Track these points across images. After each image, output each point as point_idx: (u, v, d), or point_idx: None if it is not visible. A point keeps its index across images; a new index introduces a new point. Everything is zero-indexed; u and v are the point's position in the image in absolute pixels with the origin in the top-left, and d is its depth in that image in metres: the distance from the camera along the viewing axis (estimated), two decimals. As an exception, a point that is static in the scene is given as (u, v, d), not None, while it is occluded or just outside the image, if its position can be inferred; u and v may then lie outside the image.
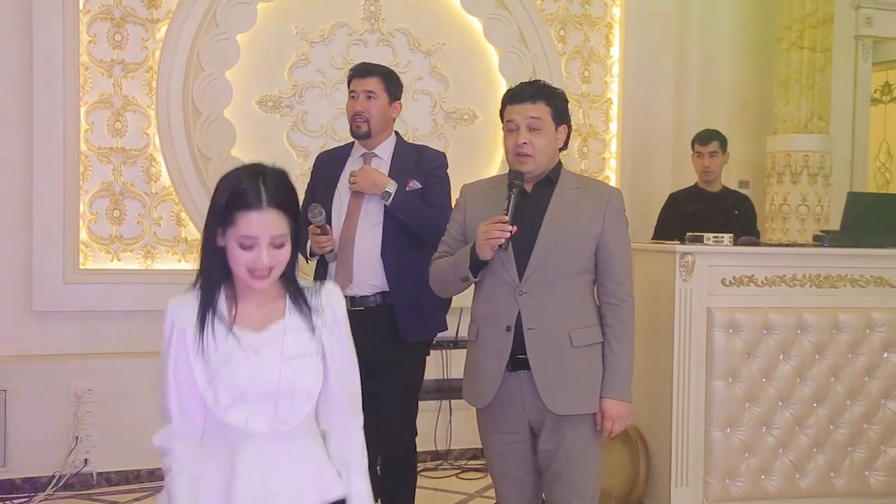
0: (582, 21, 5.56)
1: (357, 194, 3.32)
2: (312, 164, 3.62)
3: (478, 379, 2.75)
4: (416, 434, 3.50)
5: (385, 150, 3.43)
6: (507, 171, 2.79)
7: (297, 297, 1.96)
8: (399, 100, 3.48)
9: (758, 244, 4.15)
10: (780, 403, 3.87)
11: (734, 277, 3.87)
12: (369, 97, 3.35)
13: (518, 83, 2.84)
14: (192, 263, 4.76)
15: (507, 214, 2.60)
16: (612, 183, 5.49)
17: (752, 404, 3.84)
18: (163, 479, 1.92)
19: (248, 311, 1.92)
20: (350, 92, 3.41)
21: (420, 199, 3.36)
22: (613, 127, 5.67)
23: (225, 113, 4.80)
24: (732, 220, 4.77)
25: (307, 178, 4.88)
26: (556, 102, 2.74)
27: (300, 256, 3.15)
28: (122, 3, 4.63)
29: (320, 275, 3.33)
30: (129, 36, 4.65)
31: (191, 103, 4.73)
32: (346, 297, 3.12)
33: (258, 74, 4.88)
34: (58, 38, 4.48)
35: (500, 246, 2.59)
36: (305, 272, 4.62)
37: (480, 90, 5.32)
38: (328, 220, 3.30)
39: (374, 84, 3.37)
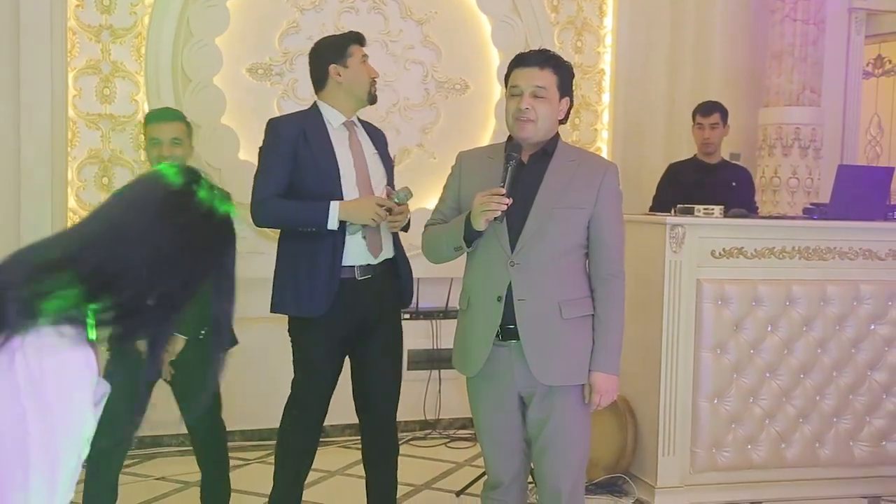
0: (575, -9, 5.52)
1: (360, 163, 3.25)
2: (269, 130, 3.31)
3: (468, 348, 2.77)
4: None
5: (356, 119, 3.36)
6: (505, 140, 2.77)
7: None
8: None
9: (747, 216, 4.16)
10: (768, 375, 3.91)
11: (724, 249, 3.89)
12: (364, 62, 3.32)
13: (516, 53, 2.82)
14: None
15: (503, 186, 2.59)
16: (604, 155, 5.48)
17: (739, 375, 3.88)
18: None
19: None
20: (361, 56, 3.31)
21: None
22: (606, 98, 5.66)
23: (215, 80, 4.76)
24: (730, 192, 4.76)
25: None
26: (564, 73, 2.72)
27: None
28: (110, -33, 4.57)
29: (333, 248, 3.16)
30: (117, 0, 4.59)
31: (180, 70, 4.68)
32: (359, 266, 3.17)
33: (248, 41, 4.83)
34: (44, 3, 4.41)
35: (495, 218, 2.59)
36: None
37: (472, 60, 5.29)
38: (337, 185, 3.18)
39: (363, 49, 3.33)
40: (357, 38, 3.34)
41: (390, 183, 3.34)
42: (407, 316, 5.00)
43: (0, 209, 4.46)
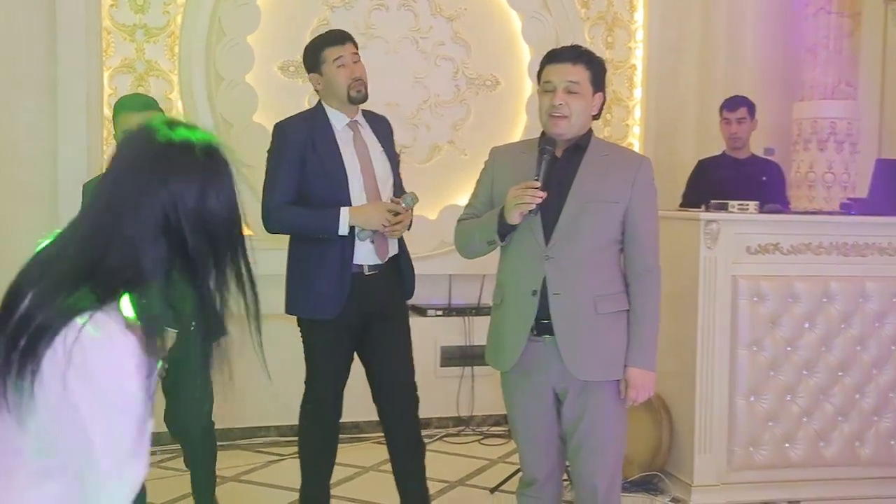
0: (606, -14, 5.49)
1: (366, 164, 3.28)
2: (277, 134, 3.37)
3: (501, 343, 2.75)
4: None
5: (361, 118, 3.36)
6: (539, 135, 2.76)
7: None
8: None
9: (783, 212, 4.11)
10: (805, 372, 3.86)
11: (759, 245, 3.85)
12: (356, 61, 3.27)
13: (546, 48, 2.81)
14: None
15: (538, 180, 2.58)
16: (636, 150, 5.44)
17: (776, 373, 3.83)
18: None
19: None
20: (334, 60, 3.23)
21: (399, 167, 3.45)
22: (637, 93, 5.62)
23: (247, 78, 4.79)
24: (761, 187, 4.71)
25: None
26: (596, 68, 2.70)
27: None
28: (144, -33, 4.61)
29: (343, 250, 3.23)
30: (151, 0, 4.63)
31: (213, 68, 4.72)
32: (365, 265, 3.23)
33: (280, 39, 4.85)
34: (80, 3, 4.46)
35: (529, 211, 2.58)
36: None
37: (503, 56, 5.27)
38: (345, 188, 3.23)
39: (354, 47, 3.30)
40: (331, 40, 3.29)
41: (397, 178, 3.39)
42: (440, 312, 5.01)
43: (38, 203, 4.51)
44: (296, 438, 3.47)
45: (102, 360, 1.32)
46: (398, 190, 3.37)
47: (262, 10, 4.79)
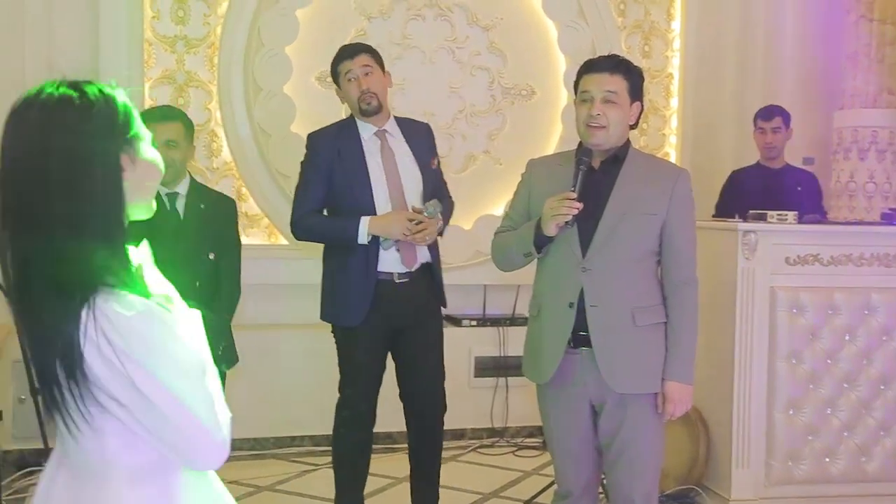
0: (643, -5, 5.46)
1: (392, 172, 3.36)
2: (308, 145, 3.48)
3: (538, 355, 2.74)
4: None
5: (392, 126, 3.45)
6: (576, 147, 2.75)
7: None
8: (386, 69, 3.48)
9: (823, 222, 4.06)
10: (846, 385, 3.80)
11: (798, 256, 3.80)
12: (367, 73, 3.34)
13: (582, 58, 2.80)
14: (252, 238, 4.81)
15: (574, 191, 2.57)
16: (672, 160, 5.40)
17: (816, 386, 3.78)
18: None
19: None
20: (345, 75, 3.36)
21: (436, 176, 3.51)
22: (674, 103, 5.58)
23: (285, 88, 4.83)
24: (795, 197, 4.65)
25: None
26: (634, 78, 2.70)
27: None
28: (184, -21, 4.67)
29: (366, 258, 3.30)
30: (191, 12, 4.69)
31: (251, 79, 4.76)
32: (395, 272, 3.29)
33: (317, 50, 4.88)
34: (122, 14, 4.54)
35: (566, 223, 2.57)
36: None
37: (539, 65, 5.26)
38: (369, 198, 3.31)
39: (366, 59, 3.37)
40: (342, 55, 3.41)
41: (430, 184, 3.43)
42: (474, 323, 5.00)
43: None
44: (330, 448, 3.50)
45: (138, 333, 1.35)
46: (433, 196, 3.40)
47: (301, 21, 4.83)
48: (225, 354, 3.25)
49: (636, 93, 2.71)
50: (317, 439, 4.75)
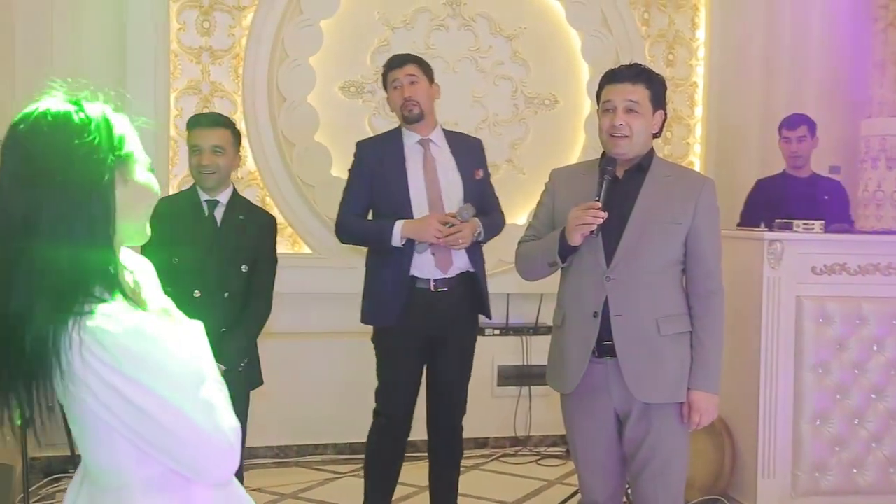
0: (667, 3, 5.45)
1: (432, 180, 3.42)
2: (355, 152, 3.57)
3: (563, 365, 2.74)
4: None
5: (437, 136, 3.52)
6: (600, 156, 2.75)
7: None
8: (435, 81, 3.55)
9: (850, 231, 4.02)
10: (874, 396, 3.76)
11: (825, 265, 3.77)
12: (412, 82, 3.43)
13: (606, 67, 2.80)
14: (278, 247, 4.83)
15: (599, 200, 2.57)
16: (697, 169, 5.38)
17: (843, 397, 3.74)
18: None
19: None
20: (391, 83, 3.48)
21: (482, 189, 3.53)
22: (698, 111, 5.56)
23: (308, 99, 4.86)
24: (822, 206, 4.61)
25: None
26: (657, 87, 2.69)
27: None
28: (210, -10, 4.72)
29: (400, 262, 3.36)
30: (216, 23, 4.74)
31: (275, 89, 4.79)
32: (430, 279, 3.33)
33: (341, 60, 4.92)
34: (149, 27, 4.58)
35: (590, 232, 2.57)
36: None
37: (562, 75, 5.26)
38: (407, 204, 3.38)
39: (413, 69, 3.46)
40: (389, 65, 3.53)
41: (473, 195, 3.45)
42: (497, 332, 4.99)
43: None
44: (354, 456, 3.53)
45: (122, 344, 1.34)
46: (477, 207, 3.44)
47: (325, 31, 4.85)
48: (247, 374, 3.20)
49: (659, 101, 2.70)
50: (340, 447, 4.76)
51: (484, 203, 3.50)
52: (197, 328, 1.52)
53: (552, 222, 2.76)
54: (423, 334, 3.37)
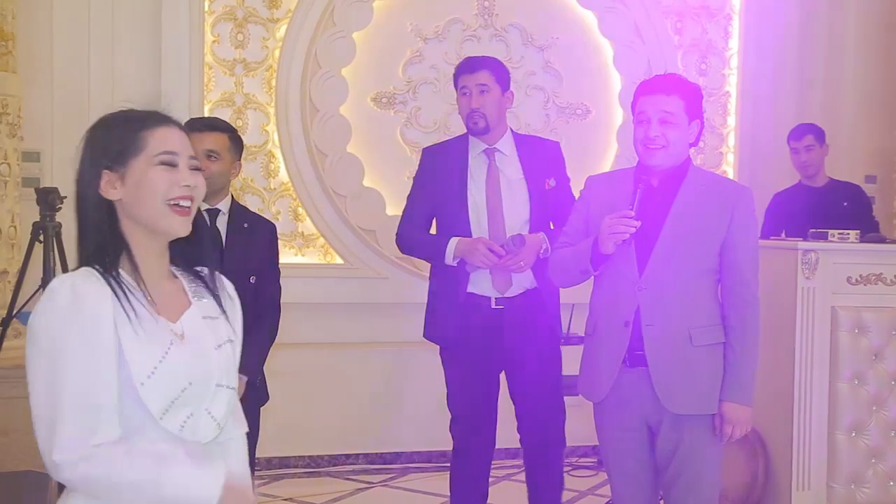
0: (700, 12, 5.43)
1: (494, 194, 3.27)
2: (420, 159, 3.52)
3: (594, 373, 2.73)
4: (564, 424, 3.49)
5: (506, 145, 3.34)
6: (635, 164, 2.74)
7: (196, 278, 1.70)
8: (510, 88, 3.38)
9: (886, 241, 3.97)
10: (912, 408, 3.70)
11: (861, 276, 3.72)
12: (482, 91, 3.26)
13: (638, 77, 2.79)
14: (308, 257, 4.88)
15: (633, 209, 2.56)
16: (730, 178, 5.34)
17: (879, 408, 3.69)
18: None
19: (157, 293, 1.60)
20: (461, 89, 3.31)
21: (555, 197, 3.34)
22: (731, 121, 5.53)
23: (341, 110, 4.90)
24: (841, 213, 4.55)
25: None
26: (691, 96, 2.66)
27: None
28: (244, 3, 4.78)
29: (458, 278, 3.25)
30: (250, 35, 4.80)
31: (308, 100, 4.84)
32: (491, 297, 3.22)
33: (373, 71, 4.95)
34: (184, 39, 4.65)
35: (623, 241, 2.56)
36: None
37: (594, 84, 5.26)
38: (464, 219, 3.25)
39: (485, 77, 3.27)
40: (465, 68, 3.34)
41: (542, 208, 3.30)
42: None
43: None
44: (386, 466, 3.50)
45: (41, 305, 1.51)
46: (547, 219, 3.31)
47: (357, 43, 4.90)
48: (260, 391, 3.11)
49: (694, 111, 2.68)
50: (371, 457, 4.77)
51: (555, 213, 3.30)
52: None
53: (586, 229, 2.75)
54: (485, 352, 3.24)
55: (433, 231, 3.44)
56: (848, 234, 3.72)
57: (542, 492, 3.42)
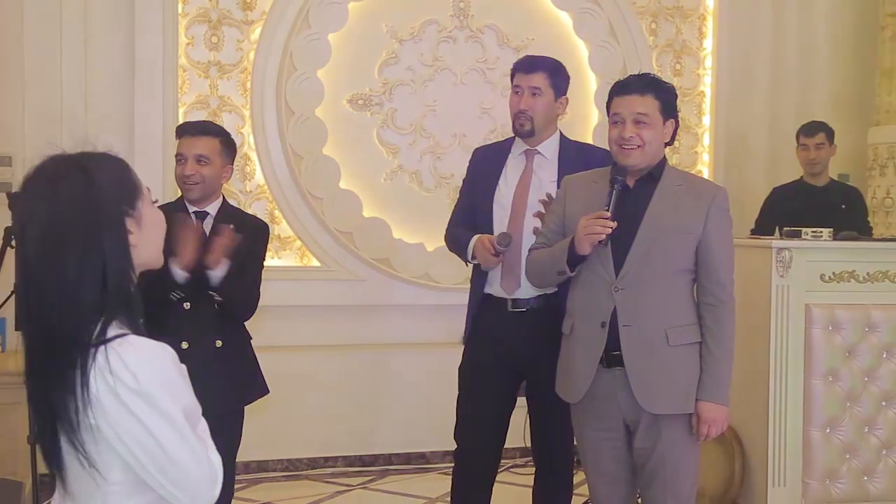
0: (674, 13, 5.47)
1: (522, 192, 3.19)
2: (471, 157, 3.44)
3: (571, 374, 2.74)
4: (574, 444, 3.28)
5: (549, 148, 3.24)
6: (611, 165, 2.75)
7: None
8: (565, 94, 3.28)
9: (858, 238, 4.01)
10: (884, 403, 3.74)
11: (834, 273, 3.76)
12: (534, 94, 3.16)
13: (613, 77, 2.80)
14: (284, 260, 4.86)
15: (608, 210, 2.57)
16: (705, 177, 5.37)
17: (853, 404, 3.72)
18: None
19: None
20: (514, 87, 3.21)
21: None
22: (706, 120, 5.57)
23: (317, 112, 4.88)
24: (839, 215, 4.58)
25: (395, 177, 4.98)
26: (665, 96, 2.68)
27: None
28: (218, 5, 4.75)
29: (477, 278, 3.23)
30: (224, 38, 4.77)
31: (284, 103, 4.82)
32: (507, 299, 3.13)
33: (349, 73, 4.94)
34: (158, 42, 4.62)
35: (599, 242, 2.57)
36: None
37: (570, 85, 5.26)
38: (490, 216, 3.19)
39: (539, 80, 3.17)
40: (522, 66, 3.24)
41: None
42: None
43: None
44: (364, 469, 3.47)
45: (146, 368, 1.42)
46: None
47: (333, 45, 4.88)
48: (247, 387, 3.10)
49: (669, 111, 2.69)
50: (350, 460, 4.77)
51: None
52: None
53: (563, 230, 2.76)
54: (497, 354, 3.15)
55: None
56: (821, 232, 3.75)
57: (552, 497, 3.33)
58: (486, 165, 3.29)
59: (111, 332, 1.43)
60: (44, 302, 1.43)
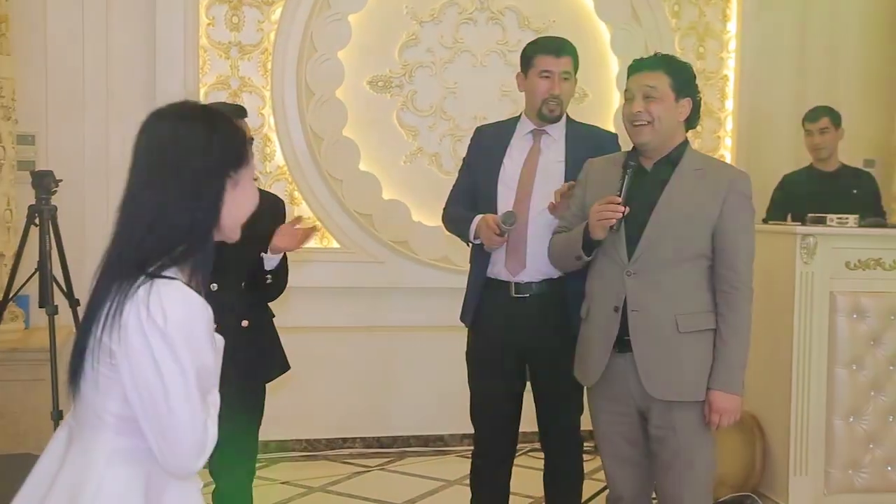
0: (698, -5, 5.39)
1: (529, 171, 3.12)
2: (472, 136, 3.37)
3: (586, 357, 2.74)
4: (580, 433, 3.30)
5: (556, 128, 3.16)
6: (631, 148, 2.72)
7: None
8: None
9: (885, 225, 3.96)
10: (909, 392, 3.70)
11: (859, 260, 3.72)
12: (566, 79, 3.10)
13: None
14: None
15: (619, 195, 2.54)
16: (728, 162, 5.31)
17: (877, 393, 3.69)
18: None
19: None
20: (542, 72, 3.10)
21: None
22: (729, 105, 5.50)
23: (337, 93, 4.86)
24: (850, 200, 4.51)
25: (415, 159, 4.96)
26: (678, 73, 2.63)
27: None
28: (239, -15, 4.73)
29: (480, 260, 3.17)
30: (245, 18, 4.75)
31: (304, 84, 4.80)
32: (511, 283, 3.07)
33: (369, 54, 4.92)
34: (179, 22, 4.61)
35: (611, 227, 2.54)
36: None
37: (591, 68, 5.19)
38: (493, 196, 3.13)
39: (568, 64, 3.11)
40: (546, 49, 3.15)
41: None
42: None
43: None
44: (382, 450, 3.48)
45: (179, 314, 1.48)
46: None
47: (353, 25, 4.86)
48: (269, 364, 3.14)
49: (683, 89, 2.63)
50: (368, 441, 4.78)
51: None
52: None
53: (583, 213, 2.73)
54: (501, 339, 3.09)
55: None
56: (847, 218, 3.71)
57: (560, 483, 3.32)
58: (489, 144, 3.22)
59: (168, 272, 1.50)
60: (136, 223, 1.53)
